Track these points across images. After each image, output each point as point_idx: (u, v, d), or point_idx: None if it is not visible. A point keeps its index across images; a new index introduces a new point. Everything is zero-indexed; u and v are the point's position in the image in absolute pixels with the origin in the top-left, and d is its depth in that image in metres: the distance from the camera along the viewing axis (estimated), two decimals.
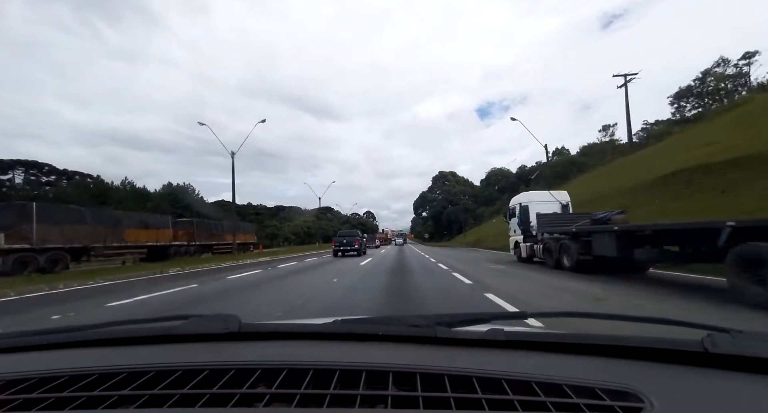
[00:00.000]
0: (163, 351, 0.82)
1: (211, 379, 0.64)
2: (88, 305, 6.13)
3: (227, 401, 0.56)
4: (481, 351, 0.77)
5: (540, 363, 0.71)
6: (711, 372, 0.64)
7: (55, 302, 6.46)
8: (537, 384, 0.59)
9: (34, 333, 0.93)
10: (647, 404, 0.53)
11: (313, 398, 0.57)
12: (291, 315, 4.81)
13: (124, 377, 0.65)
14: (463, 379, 0.62)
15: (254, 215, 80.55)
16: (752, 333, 0.73)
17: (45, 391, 0.62)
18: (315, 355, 0.75)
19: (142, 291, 7.44)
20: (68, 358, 0.79)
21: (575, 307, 5.06)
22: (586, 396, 0.57)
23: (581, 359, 0.72)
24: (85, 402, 0.58)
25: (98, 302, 6.34)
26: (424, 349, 0.79)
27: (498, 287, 6.74)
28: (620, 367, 0.68)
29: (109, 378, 0.65)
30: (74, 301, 6.59)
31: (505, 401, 0.55)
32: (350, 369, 0.65)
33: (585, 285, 6.82)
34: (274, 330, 0.91)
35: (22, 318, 5.24)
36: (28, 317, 5.32)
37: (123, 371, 0.66)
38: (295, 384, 0.61)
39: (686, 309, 4.55)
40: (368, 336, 0.85)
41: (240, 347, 0.83)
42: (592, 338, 0.76)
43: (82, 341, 0.88)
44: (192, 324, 0.90)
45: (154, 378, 0.65)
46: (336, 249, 21.56)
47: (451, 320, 0.89)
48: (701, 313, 4.34)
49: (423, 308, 5.05)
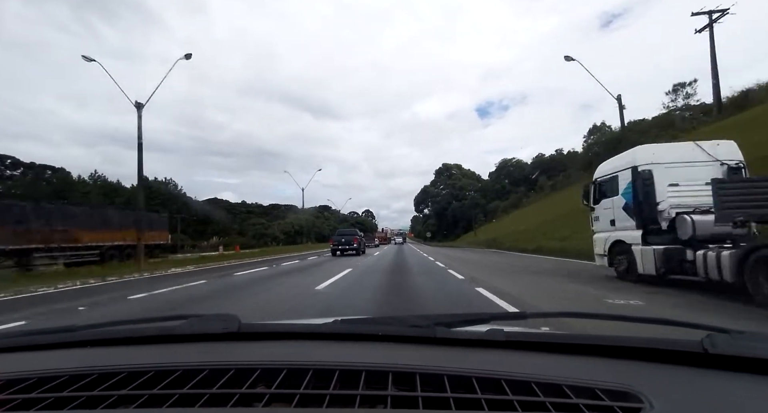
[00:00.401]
0: (162, 351, 0.82)
1: (211, 379, 0.64)
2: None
3: (227, 401, 0.56)
4: (480, 352, 0.77)
5: (540, 363, 0.71)
6: (711, 373, 0.64)
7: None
8: (537, 385, 0.59)
9: (33, 333, 0.94)
10: (647, 404, 0.53)
11: (312, 398, 0.57)
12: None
13: (123, 377, 0.65)
14: (462, 379, 0.62)
15: (246, 213, 76.85)
16: (752, 334, 0.74)
17: (44, 391, 0.62)
18: (314, 355, 0.75)
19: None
20: (68, 358, 0.79)
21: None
22: (586, 396, 0.57)
23: (581, 359, 0.72)
24: (85, 401, 0.58)
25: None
26: (424, 349, 0.79)
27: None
28: (620, 368, 0.68)
29: (109, 377, 0.65)
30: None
31: (505, 401, 0.55)
32: (350, 369, 0.65)
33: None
34: (273, 330, 0.91)
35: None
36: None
37: (122, 371, 0.66)
38: (295, 384, 0.61)
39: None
40: (368, 336, 0.85)
41: (239, 347, 0.83)
42: (592, 338, 0.76)
43: (81, 341, 0.88)
44: (191, 324, 0.90)
45: (154, 377, 0.65)
46: (334, 248, 20.90)
47: (451, 320, 0.89)
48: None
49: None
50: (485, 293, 6.11)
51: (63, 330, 0.93)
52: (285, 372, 0.64)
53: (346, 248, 20.58)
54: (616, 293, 5.90)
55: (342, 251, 20.63)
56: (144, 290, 8.10)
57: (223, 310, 6.78)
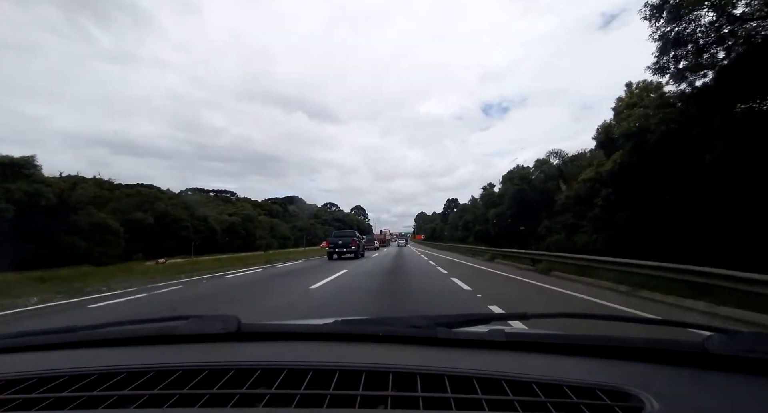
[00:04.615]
0: (162, 351, 0.82)
1: (211, 379, 0.64)
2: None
3: (227, 401, 0.56)
4: (481, 352, 0.77)
5: (540, 363, 0.71)
6: (711, 374, 0.64)
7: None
8: (537, 385, 0.59)
9: (34, 333, 0.93)
10: (647, 405, 0.53)
11: (312, 398, 0.57)
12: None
13: (123, 377, 0.65)
14: (463, 380, 0.62)
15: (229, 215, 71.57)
16: (752, 334, 0.73)
17: (45, 391, 0.62)
18: (315, 356, 0.75)
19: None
20: (68, 358, 0.79)
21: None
22: (587, 396, 0.57)
23: (582, 360, 0.72)
24: (85, 402, 0.58)
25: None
26: (425, 350, 0.79)
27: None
28: (621, 368, 0.68)
29: (109, 378, 0.65)
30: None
31: (506, 401, 0.55)
32: (350, 369, 0.65)
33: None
34: (273, 331, 0.91)
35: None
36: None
37: (123, 371, 0.66)
38: (295, 384, 0.61)
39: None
40: (368, 336, 0.85)
41: (240, 347, 0.83)
42: (593, 339, 0.76)
43: (81, 341, 0.88)
44: (191, 325, 0.89)
45: (154, 378, 0.65)
46: (330, 251, 19.88)
47: (452, 320, 0.89)
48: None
49: None
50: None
51: (63, 331, 0.93)
52: (285, 373, 0.64)
53: (344, 251, 19.61)
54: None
55: (339, 255, 19.70)
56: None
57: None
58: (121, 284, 9.17)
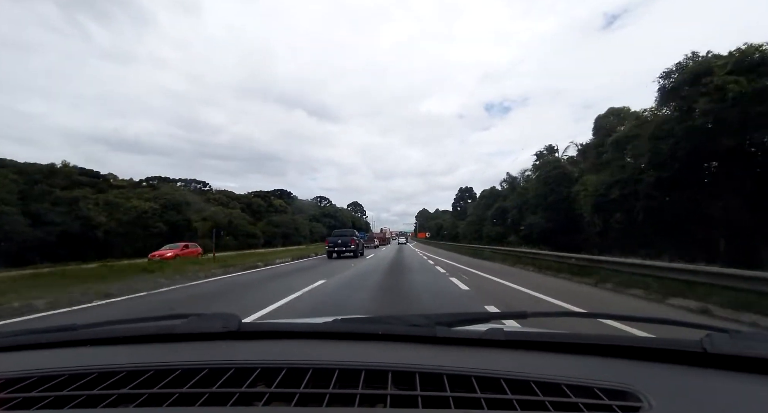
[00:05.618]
0: (162, 350, 0.82)
1: (211, 378, 0.64)
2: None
3: (226, 400, 0.56)
4: (480, 351, 0.77)
5: (539, 362, 0.71)
6: (709, 372, 0.64)
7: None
8: (536, 384, 0.59)
9: (33, 332, 0.93)
10: (645, 404, 0.53)
11: (312, 397, 0.57)
12: None
13: (123, 376, 0.65)
14: (462, 378, 0.62)
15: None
16: (751, 333, 0.74)
17: (44, 390, 0.62)
18: (314, 354, 0.75)
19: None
20: (67, 357, 0.79)
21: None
22: (585, 395, 0.57)
23: (580, 359, 0.72)
24: (85, 400, 0.58)
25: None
26: (424, 349, 0.79)
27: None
28: (619, 367, 0.68)
29: (109, 376, 0.65)
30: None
31: (504, 400, 0.55)
32: (349, 368, 0.65)
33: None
34: (273, 329, 0.91)
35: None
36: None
37: (122, 370, 0.66)
38: (295, 383, 0.61)
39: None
40: (368, 335, 0.85)
41: (239, 346, 0.83)
42: (592, 338, 0.76)
43: (81, 340, 0.88)
44: (191, 323, 0.90)
45: (154, 377, 0.65)
46: (330, 250, 19.99)
47: (451, 319, 0.89)
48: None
49: None
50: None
51: (63, 329, 0.93)
52: (285, 371, 0.64)
53: (343, 250, 19.70)
54: None
55: (339, 254, 19.77)
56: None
57: None
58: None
